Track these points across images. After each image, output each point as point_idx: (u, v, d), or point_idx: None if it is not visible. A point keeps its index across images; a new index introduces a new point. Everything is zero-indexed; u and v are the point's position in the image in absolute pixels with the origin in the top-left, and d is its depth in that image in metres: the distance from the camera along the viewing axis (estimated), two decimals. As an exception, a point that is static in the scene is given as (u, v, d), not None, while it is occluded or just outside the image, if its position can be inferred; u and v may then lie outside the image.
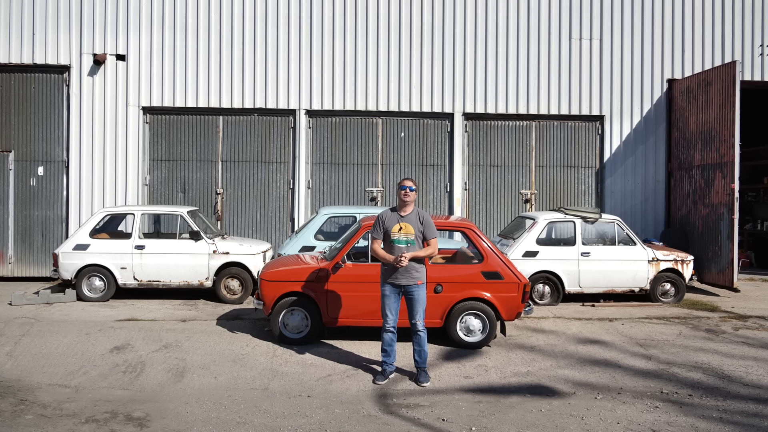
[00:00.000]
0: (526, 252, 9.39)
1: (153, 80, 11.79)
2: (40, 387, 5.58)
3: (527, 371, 6.19)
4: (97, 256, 9.47)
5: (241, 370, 6.12)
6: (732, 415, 5.10)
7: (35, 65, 11.60)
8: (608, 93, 12.27)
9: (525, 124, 12.31)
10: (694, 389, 5.69)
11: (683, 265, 9.70)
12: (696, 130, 11.47)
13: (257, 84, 11.90)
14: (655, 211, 12.39)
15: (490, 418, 4.98)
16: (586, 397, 5.49)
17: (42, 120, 11.66)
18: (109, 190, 11.70)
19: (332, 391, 5.60)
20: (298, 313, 7.05)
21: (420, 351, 5.84)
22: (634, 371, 6.22)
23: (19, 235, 11.60)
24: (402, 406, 5.25)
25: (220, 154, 12.04)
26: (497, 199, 12.31)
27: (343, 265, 6.91)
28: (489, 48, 12.14)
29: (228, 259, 9.57)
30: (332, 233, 9.80)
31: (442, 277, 6.90)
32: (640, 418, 5.00)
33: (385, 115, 12.13)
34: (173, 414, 4.99)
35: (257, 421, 4.87)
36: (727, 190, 10.48)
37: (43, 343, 7.00)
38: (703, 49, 12.35)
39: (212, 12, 11.84)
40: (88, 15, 11.67)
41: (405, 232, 5.76)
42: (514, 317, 7.02)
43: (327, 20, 11.95)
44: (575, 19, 12.22)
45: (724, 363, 6.49)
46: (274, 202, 12.09)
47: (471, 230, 7.10)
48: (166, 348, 6.85)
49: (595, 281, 9.53)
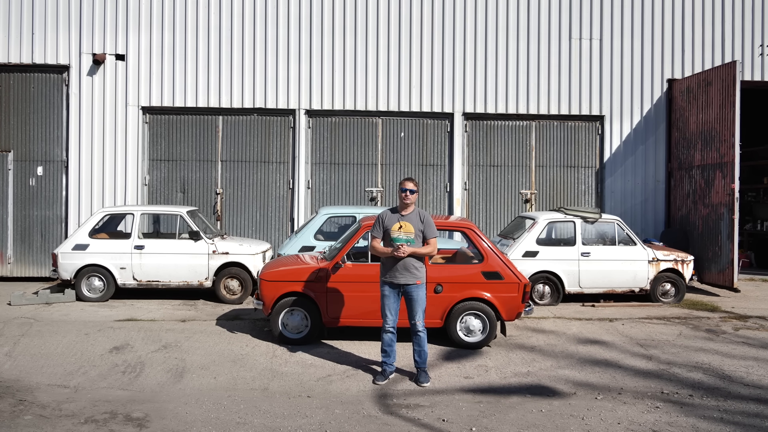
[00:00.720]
0: (526, 252, 9.38)
1: (152, 80, 11.78)
2: (39, 387, 5.57)
3: (527, 371, 6.18)
4: (96, 256, 9.45)
5: (240, 371, 6.10)
6: (733, 415, 5.08)
7: (34, 65, 11.59)
8: (608, 93, 12.26)
9: (525, 124, 12.30)
10: (694, 389, 5.68)
11: (683, 265, 9.69)
12: (696, 130, 11.46)
13: (257, 84, 11.88)
14: (655, 211, 12.38)
15: (491, 419, 4.96)
16: (586, 397, 5.48)
17: (41, 120, 11.64)
18: (109, 190, 11.69)
19: (332, 391, 5.58)
20: (297, 314, 7.04)
21: (420, 351, 5.84)
22: (635, 371, 6.20)
23: (19, 235, 11.58)
24: (402, 406, 5.24)
25: (219, 154, 12.02)
26: (497, 199, 12.30)
27: (343, 265, 6.90)
28: (489, 48, 12.13)
29: (227, 259, 9.56)
30: (332, 233, 9.79)
31: (442, 277, 6.89)
32: (641, 419, 4.98)
33: (384, 115, 12.11)
34: (173, 414, 4.97)
35: (257, 422, 4.85)
36: (727, 190, 10.47)
37: (43, 343, 6.98)
38: (703, 49, 12.35)
39: (212, 11, 11.82)
40: (88, 15, 11.65)
41: (405, 230, 5.75)
42: (515, 317, 7.01)
43: (327, 20, 11.94)
44: (575, 19, 12.22)
45: (725, 363, 6.48)
46: (273, 202, 12.08)
47: (471, 230, 7.09)
48: (165, 348, 6.83)
49: (595, 281, 9.52)
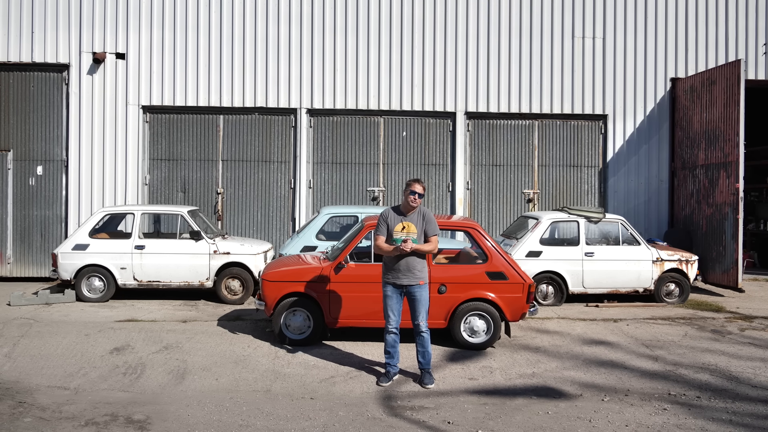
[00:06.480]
0: (530, 252, 9.31)
1: (153, 79, 11.71)
2: (39, 389, 5.50)
3: (533, 372, 6.12)
4: (96, 256, 9.39)
5: (242, 372, 6.04)
6: (742, 417, 5.02)
7: (34, 64, 11.52)
8: (611, 92, 12.20)
9: (528, 123, 12.24)
10: (702, 391, 5.62)
11: (688, 265, 9.62)
12: (700, 130, 11.39)
13: (258, 83, 11.82)
14: (658, 210, 12.31)
15: (497, 421, 4.90)
16: (593, 399, 5.42)
17: (41, 119, 11.58)
18: (109, 189, 11.62)
19: (335, 393, 5.52)
20: (300, 314, 6.98)
21: (423, 352, 5.78)
22: (641, 372, 6.14)
23: (18, 235, 11.52)
24: (406, 408, 5.17)
25: (220, 153, 11.96)
26: (500, 199, 12.24)
27: (345, 266, 6.83)
28: (491, 46, 12.07)
29: (229, 259, 9.49)
30: (334, 233, 9.73)
31: (446, 277, 6.82)
32: (649, 421, 4.92)
33: (386, 114, 12.05)
34: (174, 416, 4.91)
35: (259, 424, 4.79)
36: (731, 189, 10.40)
37: (42, 344, 6.92)
38: (707, 48, 12.28)
39: (212, 10, 11.76)
40: (88, 13, 11.59)
41: (408, 231, 5.71)
42: (519, 318, 6.95)
43: (328, 18, 11.87)
44: (578, 18, 12.15)
45: (732, 364, 6.42)
46: (275, 202, 12.01)
47: (475, 230, 7.02)
48: (166, 349, 6.77)
49: (599, 281, 9.46)
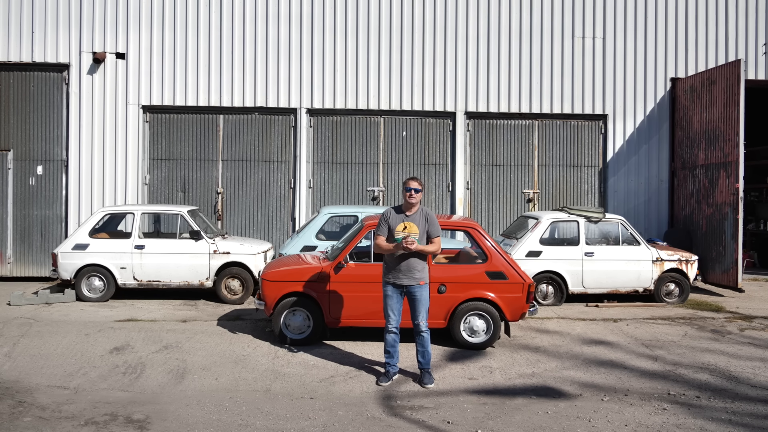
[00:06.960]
0: (530, 252, 9.31)
1: (153, 79, 11.71)
2: (39, 388, 5.51)
3: (532, 372, 6.12)
4: (96, 255, 9.39)
5: (242, 372, 6.04)
6: (741, 417, 5.02)
7: (34, 63, 11.52)
8: (611, 92, 12.20)
9: (528, 123, 12.24)
10: (701, 391, 5.62)
11: (688, 265, 9.62)
12: (700, 129, 11.39)
13: (258, 83, 11.82)
14: (658, 210, 12.32)
15: (496, 421, 4.90)
16: (592, 398, 5.42)
17: (41, 119, 11.58)
18: (109, 189, 11.62)
19: (335, 392, 5.52)
20: (299, 314, 6.98)
21: (423, 352, 5.78)
22: (641, 372, 6.14)
23: (18, 235, 11.52)
24: (406, 408, 5.17)
25: (220, 153, 11.96)
26: (500, 199, 12.24)
27: (345, 265, 6.83)
28: (491, 46, 12.06)
29: (229, 258, 9.49)
30: (334, 233, 9.73)
31: (446, 277, 6.82)
32: (649, 421, 4.92)
33: (386, 114, 12.05)
34: (174, 416, 4.91)
35: (259, 424, 4.79)
36: (731, 189, 10.40)
37: (42, 343, 6.92)
38: (707, 47, 12.29)
39: (212, 10, 11.76)
40: (88, 13, 11.59)
41: (409, 231, 5.69)
42: (519, 318, 6.96)
43: (328, 19, 11.87)
44: (578, 18, 12.15)
45: (732, 364, 6.42)
46: (275, 202, 12.01)
47: (475, 230, 7.03)
48: (166, 349, 6.77)
49: (599, 281, 9.46)
